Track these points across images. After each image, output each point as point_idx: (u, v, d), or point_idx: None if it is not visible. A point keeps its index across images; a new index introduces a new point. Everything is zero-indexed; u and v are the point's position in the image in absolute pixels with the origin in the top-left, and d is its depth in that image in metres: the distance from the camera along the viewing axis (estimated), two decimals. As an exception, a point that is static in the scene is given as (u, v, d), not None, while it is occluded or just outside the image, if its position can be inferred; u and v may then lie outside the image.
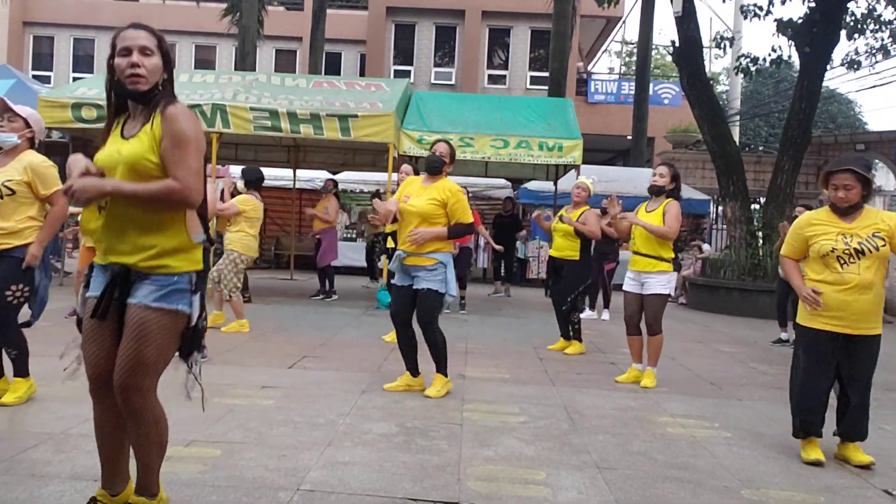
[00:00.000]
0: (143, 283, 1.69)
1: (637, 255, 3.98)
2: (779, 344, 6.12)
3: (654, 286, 3.92)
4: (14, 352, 2.93)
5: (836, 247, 2.70)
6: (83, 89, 7.29)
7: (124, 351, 1.67)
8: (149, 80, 1.68)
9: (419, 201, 3.40)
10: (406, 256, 3.40)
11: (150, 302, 1.68)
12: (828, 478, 2.61)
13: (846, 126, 21.13)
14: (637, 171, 12.36)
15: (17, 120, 2.89)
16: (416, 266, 3.41)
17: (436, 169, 3.50)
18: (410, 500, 2.18)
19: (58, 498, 2.03)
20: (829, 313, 2.73)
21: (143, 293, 1.68)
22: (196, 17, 17.55)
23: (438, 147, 3.58)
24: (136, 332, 1.66)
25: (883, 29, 9.74)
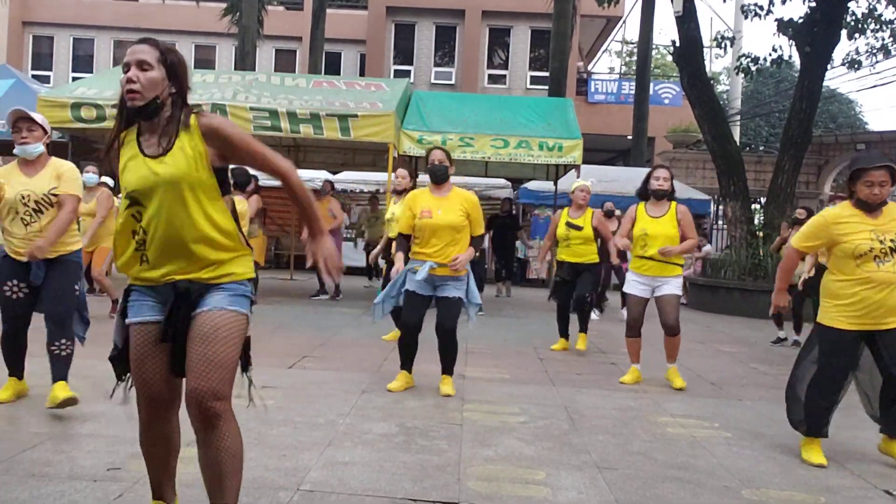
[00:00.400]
0: (211, 292, 1.66)
1: (649, 261, 3.94)
2: (778, 344, 6.11)
3: (670, 288, 3.95)
4: (72, 346, 2.94)
5: (874, 246, 2.65)
6: (83, 89, 7.29)
7: (203, 356, 1.60)
8: (144, 94, 1.64)
9: (448, 214, 3.43)
10: (437, 267, 3.42)
11: (225, 305, 1.65)
12: (828, 478, 2.61)
13: (847, 126, 21.13)
14: (637, 171, 12.34)
15: (36, 128, 2.91)
16: (444, 277, 3.45)
17: (442, 178, 3.52)
18: (410, 500, 2.18)
19: (57, 498, 2.03)
20: (857, 313, 2.69)
21: (216, 299, 1.65)
22: (196, 17, 17.54)
23: (436, 156, 3.56)
24: (215, 334, 1.61)
25: (883, 28, 9.74)
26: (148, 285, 1.69)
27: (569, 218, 5.03)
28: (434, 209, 3.44)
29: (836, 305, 2.75)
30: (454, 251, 3.43)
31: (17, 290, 2.87)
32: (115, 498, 2.06)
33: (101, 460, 2.35)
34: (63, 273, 2.92)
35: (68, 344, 2.93)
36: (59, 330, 2.90)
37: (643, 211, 4.04)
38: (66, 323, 2.92)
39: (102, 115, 6.91)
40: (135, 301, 1.70)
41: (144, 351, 1.68)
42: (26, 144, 2.86)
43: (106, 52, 18.37)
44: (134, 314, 1.69)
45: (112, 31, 18.22)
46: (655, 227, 3.94)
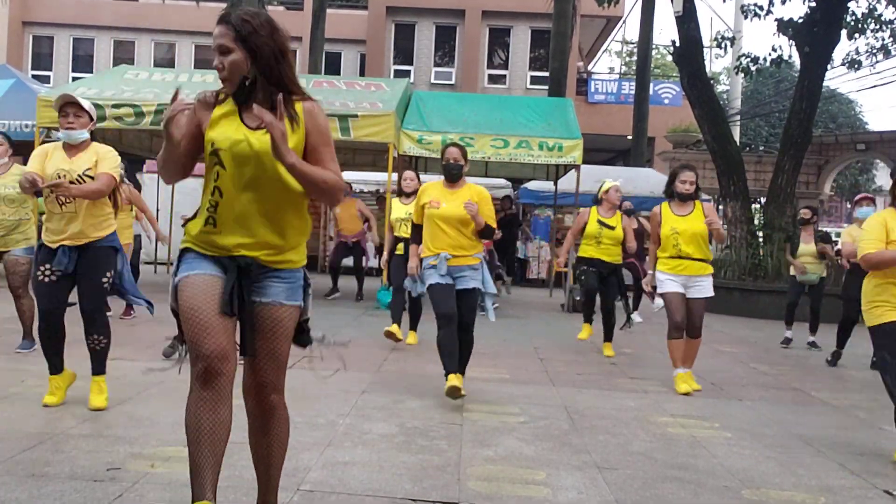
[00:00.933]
0: (270, 280, 1.65)
1: (685, 260, 3.91)
2: (785, 345, 6.08)
3: (705, 289, 3.95)
4: (104, 340, 2.97)
5: None
6: (83, 89, 7.28)
7: (265, 350, 1.65)
8: (231, 79, 1.60)
9: (456, 207, 3.43)
10: (451, 258, 3.42)
11: (283, 300, 1.67)
12: (828, 478, 2.61)
13: (847, 126, 21.12)
14: (637, 170, 12.35)
15: (83, 115, 2.95)
16: (461, 266, 3.44)
17: (456, 176, 3.53)
18: (410, 500, 2.18)
19: (57, 498, 2.03)
20: None
21: (276, 292, 1.66)
22: (196, 17, 17.51)
23: (451, 153, 3.55)
24: (275, 330, 1.66)
25: (883, 28, 9.74)
26: (205, 252, 1.64)
27: (600, 217, 4.95)
28: (442, 200, 3.47)
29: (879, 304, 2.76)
30: (466, 241, 3.43)
31: (49, 273, 2.87)
32: (114, 498, 2.05)
33: (100, 460, 2.34)
34: (93, 266, 2.91)
35: (100, 339, 2.96)
36: (89, 325, 2.95)
37: (669, 211, 4.01)
38: (96, 317, 2.95)
39: (102, 115, 6.89)
40: (191, 260, 1.64)
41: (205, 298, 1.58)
42: (72, 130, 2.91)
43: (106, 52, 18.36)
44: (189, 269, 1.63)
45: (112, 31, 18.21)
46: (684, 224, 3.92)
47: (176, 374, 1.82)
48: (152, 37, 18.39)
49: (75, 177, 2.88)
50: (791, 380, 4.62)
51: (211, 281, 1.61)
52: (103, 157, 2.98)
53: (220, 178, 1.62)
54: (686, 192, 3.95)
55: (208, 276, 1.62)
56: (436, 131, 7.48)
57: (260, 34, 1.60)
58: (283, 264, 1.67)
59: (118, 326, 5.28)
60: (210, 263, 1.64)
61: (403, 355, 4.65)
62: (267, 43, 1.60)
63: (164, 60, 18.27)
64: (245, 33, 1.58)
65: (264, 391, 1.68)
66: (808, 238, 6.07)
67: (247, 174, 1.61)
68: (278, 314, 1.67)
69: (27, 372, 3.47)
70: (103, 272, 2.95)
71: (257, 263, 1.64)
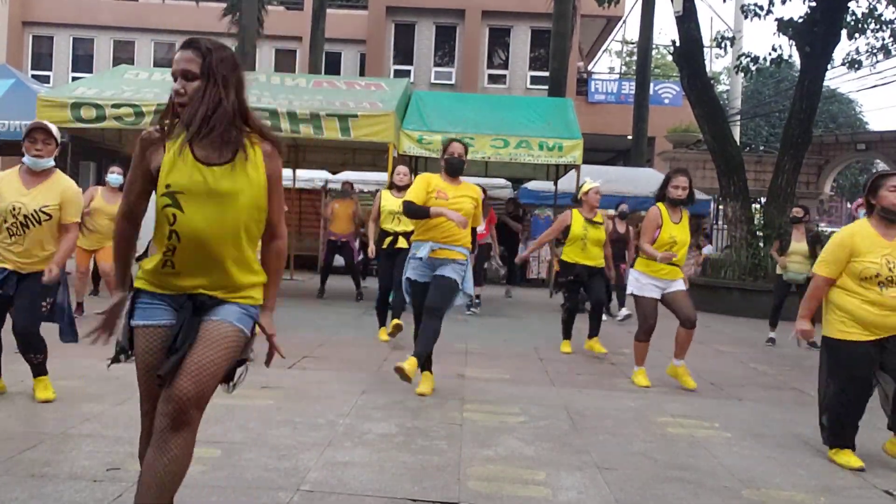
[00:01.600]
0: (225, 306, 1.62)
1: (669, 265, 3.92)
2: (770, 344, 6.09)
3: (678, 285, 3.98)
4: (40, 356, 3.00)
5: (881, 272, 2.65)
6: (82, 89, 7.28)
7: (201, 359, 1.54)
8: (190, 104, 1.54)
9: (461, 201, 3.47)
10: (438, 249, 3.43)
11: (234, 321, 1.61)
12: (828, 478, 2.61)
13: (847, 126, 21.12)
14: (637, 170, 12.35)
15: (51, 142, 2.92)
16: (445, 259, 3.45)
17: (459, 171, 3.58)
18: (410, 500, 2.18)
19: (57, 498, 2.03)
20: (862, 328, 2.69)
21: (227, 313, 1.61)
22: (195, 17, 17.52)
23: (455, 149, 3.60)
24: (219, 343, 1.57)
25: (884, 28, 9.73)
26: (160, 292, 1.61)
27: (587, 217, 4.92)
28: (450, 193, 3.50)
29: (842, 318, 2.74)
30: (459, 232, 3.44)
31: None
32: (114, 498, 2.06)
33: (100, 461, 2.34)
34: (31, 287, 2.89)
35: (37, 356, 2.99)
36: (25, 346, 2.95)
37: (668, 216, 3.98)
38: (31, 339, 2.93)
39: (102, 115, 6.90)
40: (146, 305, 1.61)
41: (153, 357, 1.59)
42: (39, 158, 2.89)
43: (106, 52, 18.37)
44: (144, 318, 1.60)
45: (112, 31, 18.22)
46: (680, 233, 3.95)
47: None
48: (152, 37, 18.39)
49: (30, 211, 2.85)
50: (791, 380, 4.62)
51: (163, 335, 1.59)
52: (69, 201, 2.93)
53: (176, 221, 1.55)
54: (678, 197, 3.92)
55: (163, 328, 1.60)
56: (436, 131, 7.47)
57: (225, 66, 1.57)
58: (242, 299, 1.65)
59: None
60: (163, 310, 1.61)
61: (403, 355, 4.64)
62: (229, 77, 1.57)
63: (163, 60, 18.25)
64: (211, 63, 1.55)
65: (188, 403, 1.51)
66: (799, 237, 6.08)
67: (205, 216, 1.55)
68: (225, 329, 1.59)
69: (27, 372, 3.47)
70: (44, 296, 2.94)
71: (215, 300, 1.61)
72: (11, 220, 2.84)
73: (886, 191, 2.68)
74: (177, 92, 1.55)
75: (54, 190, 2.92)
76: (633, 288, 4.06)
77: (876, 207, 2.74)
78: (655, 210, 4.01)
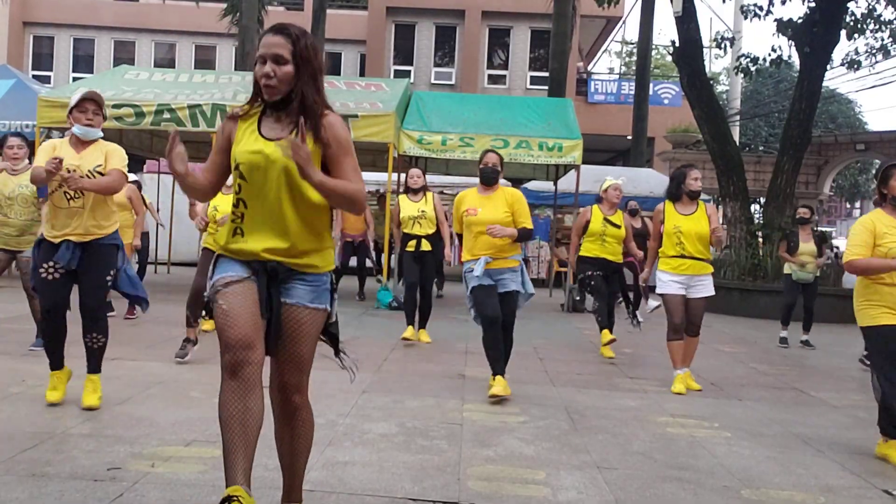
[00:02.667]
0: (295, 283, 1.72)
1: (688, 259, 3.90)
2: (784, 345, 6.08)
3: (706, 289, 3.96)
4: (103, 339, 2.98)
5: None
6: (83, 89, 7.27)
7: (287, 351, 1.72)
8: (280, 89, 1.67)
9: (491, 212, 3.55)
10: (491, 261, 3.52)
11: (307, 303, 1.73)
12: (828, 478, 2.61)
13: (846, 126, 21.14)
14: (637, 170, 12.35)
15: (100, 113, 3.03)
16: (501, 269, 3.54)
17: (493, 180, 3.65)
18: (410, 499, 2.18)
19: (58, 498, 2.03)
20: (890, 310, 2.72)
21: (300, 294, 1.72)
22: (196, 17, 17.53)
23: (490, 158, 3.68)
24: (297, 332, 1.72)
25: (883, 29, 9.75)
26: (235, 258, 1.72)
27: (605, 214, 4.94)
28: (479, 207, 3.59)
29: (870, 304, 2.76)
30: (503, 246, 3.52)
31: (52, 271, 2.87)
32: (115, 498, 2.06)
33: (101, 460, 2.34)
34: (96, 263, 2.92)
35: (99, 337, 2.97)
36: (90, 323, 2.95)
37: (673, 209, 3.99)
38: (98, 315, 2.95)
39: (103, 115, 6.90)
40: (223, 264, 1.73)
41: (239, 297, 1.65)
42: (91, 127, 2.97)
43: (106, 52, 18.37)
44: (223, 271, 1.71)
45: (112, 31, 18.22)
46: (688, 223, 3.93)
47: (177, 375, 1.81)
48: (153, 37, 18.40)
49: (85, 172, 2.89)
50: (791, 380, 4.63)
51: (243, 282, 1.69)
52: (112, 153, 3.00)
53: (241, 190, 1.71)
54: (699, 188, 3.97)
55: (240, 277, 1.70)
56: (436, 131, 7.48)
57: (310, 53, 1.69)
58: (308, 269, 1.74)
59: (121, 326, 5.29)
60: (241, 266, 1.71)
61: (404, 355, 4.65)
62: (313, 63, 1.69)
63: (164, 61, 18.28)
64: (300, 49, 1.67)
65: (286, 392, 1.75)
66: (806, 237, 6.09)
67: (265, 184, 1.68)
68: (301, 316, 1.73)
69: (28, 372, 3.47)
70: (107, 270, 2.95)
71: (284, 267, 1.71)
72: None
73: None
74: (266, 75, 1.66)
75: (100, 150, 2.99)
76: (657, 287, 4.08)
77: (888, 197, 2.78)
78: (659, 206, 4.08)
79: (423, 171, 5.61)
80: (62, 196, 2.88)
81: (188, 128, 6.98)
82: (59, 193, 2.88)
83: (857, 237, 2.81)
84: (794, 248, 6.11)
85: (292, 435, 1.79)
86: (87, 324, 2.95)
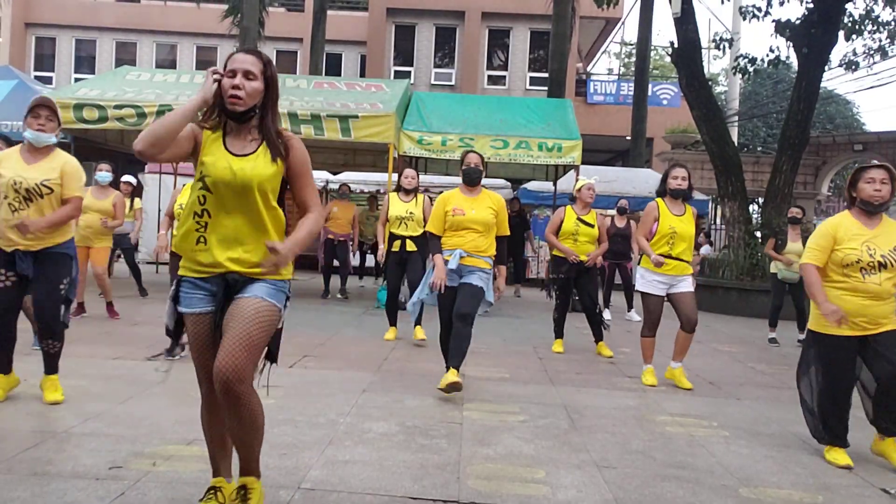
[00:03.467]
0: (255, 284, 1.83)
1: (674, 260, 3.94)
2: (775, 344, 6.11)
3: (686, 285, 4.00)
4: (59, 344, 2.99)
5: (862, 258, 2.70)
6: (85, 90, 7.31)
7: (236, 335, 1.74)
8: (246, 102, 1.80)
9: (479, 212, 3.58)
10: (466, 256, 3.54)
11: (264, 296, 1.81)
12: (826, 476, 2.62)
13: (844, 127, 21.15)
14: (636, 171, 12.39)
15: (54, 119, 2.94)
16: (472, 266, 3.57)
17: (476, 180, 3.67)
18: (411, 498, 2.19)
19: (60, 496, 2.04)
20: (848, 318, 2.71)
21: (258, 290, 1.81)
22: (197, 19, 17.56)
23: (472, 159, 3.69)
24: (252, 317, 1.77)
25: (881, 30, 9.78)
26: (199, 277, 1.83)
27: (578, 214, 4.97)
28: (467, 208, 3.60)
29: None
30: (484, 243, 3.57)
31: (3, 278, 2.86)
32: (116, 496, 2.07)
33: (102, 459, 2.36)
34: (51, 269, 2.91)
35: (55, 343, 2.98)
36: (45, 330, 2.95)
37: (666, 209, 4.01)
38: (54, 322, 2.94)
39: (104, 116, 6.93)
40: (186, 293, 1.85)
41: (203, 340, 1.84)
42: (41, 132, 2.89)
43: (108, 53, 18.39)
44: (187, 305, 1.85)
45: (114, 32, 18.24)
46: (681, 225, 3.96)
47: (178, 375, 1.83)
48: (154, 38, 18.42)
49: (32, 185, 2.85)
50: (789, 379, 4.63)
51: (204, 320, 1.85)
52: (70, 176, 2.93)
53: (206, 201, 1.80)
54: (678, 187, 3.97)
55: (202, 314, 1.84)
56: (436, 132, 7.50)
57: (275, 79, 1.85)
58: (268, 275, 1.83)
59: (123, 327, 5.30)
60: (201, 297, 1.84)
61: (404, 354, 4.66)
62: (276, 88, 1.85)
63: (165, 61, 18.30)
64: (267, 70, 1.83)
65: (230, 380, 1.72)
66: (795, 237, 6.12)
67: (231, 198, 1.79)
68: (258, 304, 1.80)
69: (29, 371, 3.48)
70: (60, 278, 2.94)
71: (244, 277, 1.82)
72: (13, 195, 2.84)
73: (864, 183, 2.75)
74: (235, 86, 1.77)
75: (55, 164, 2.92)
76: (638, 285, 4.10)
77: (857, 200, 2.80)
78: (653, 203, 4.06)
79: (419, 172, 5.63)
80: (6, 208, 2.84)
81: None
82: (5, 205, 2.84)
83: (815, 241, 2.83)
84: (782, 245, 6.14)
85: (241, 425, 1.81)
86: (43, 332, 2.95)
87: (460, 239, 3.56)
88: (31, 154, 2.91)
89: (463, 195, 3.65)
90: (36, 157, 2.91)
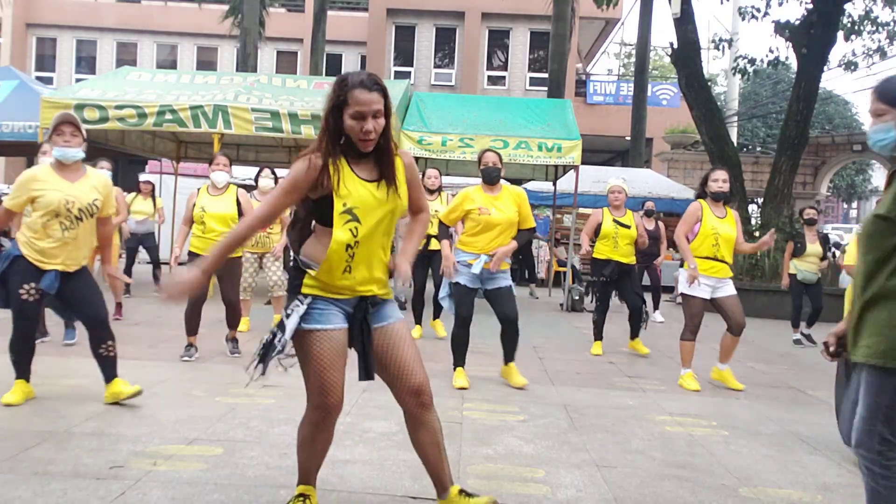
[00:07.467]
0: (385, 306, 1.93)
1: (718, 262, 3.95)
2: (800, 345, 6.10)
3: (731, 289, 4.02)
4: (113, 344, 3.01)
5: None
6: (86, 90, 7.31)
7: (413, 356, 1.90)
8: (376, 140, 1.80)
9: (504, 212, 3.64)
10: (489, 262, 3.63)
11: (401, 317, 1.95)
12: (825, 476, 2.63)
13: (843, 127, 21.17)
14: (635, 171, 12.38)
15: (79, 134, 2.92)
16: (495, 271, 3.65)
17: (496, 179, 3.71)
18: (410, 497, 2.20)
19: (61, 496, 2.05)
20: None
21: (390, 313, 1.93)
22: (197, 19, 17.58)
23: (489, 158, 3.72)
24: (409, 338, 1.92)
25: (879, 30, 9.80)
26: (336, 298, 1.85)
27: (615, 217, 4.97)
28: (491, 207, 3.64)
29: None
30: (505, 242, 3.62)
31: (33, 293, 2.88)
32: (117, 496, 2.07)
33: (103, 458, 2.36)
34: (86, 279, 2.99)
35: (112, 345, 3.01)
36: (102, 332, 2.98)
37: (709, 210, 3.99)
38: (106, 324, 2.99)
39: (105, 116, 6.93)
40: (322, 310, 1.83)
41: (336, 354, 1.83)
42: (68, 148, 2.87)
43: (109, 53, 18.40)
44: (322, 322, 1.82)
45: (115, 32, 18.25)
46: (722, 226, 3.96)
47: (179, 374, 1.82)
48: (155, 38, 18.43)
49: (84, 205, 2.89)
50: (788, 378, 4.65)
51: (339, 337, 1.84)
52: (107, 195, 2.99)
53: (357, 232, 1.80)
54: (720, 189, 3.97)
55: (338, 331, 1.84)
56: (436, 132, 7.50)
57: (390, 105, 1.82)
58: (387, 294, 1.95)
59: (123, 327, 5.30)
60: (336, 314, 1.85)
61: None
62: (390, 111, 1.82)
63: (166, 62, 18.31)
64: (388, 102, 1.81)
65: (425, 388, 1.88)
66: (812, 238, 6.11)
67: (374, 223, 1.83)
68: (402, 327, 1.94)
69: (31, 370, 3.48)
70: (90, 278, 3.04)
71: (377, 298, 1.91)
72: (66, 214, 2.85)
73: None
74: (369, 131, 1.76)
75: (95, 184, 2.96)
76: (682, 287, 4.05)
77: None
78: (696, 204, 4.05)
79: (420, 171, 5.63)
80: (57, 226, 2.85)
81: (190, 128, 7.00)
82: (55, 223, 2.85)
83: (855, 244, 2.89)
84: (802, 249, 6.11)
85: (434, 430, 1.93)
86: (96, 335, 2.97)
87: (482, 242, 3.61)
88: (66, 172, 2.90)
89: (485, 193, 3.68)
90: (73, 176, 2.92)
